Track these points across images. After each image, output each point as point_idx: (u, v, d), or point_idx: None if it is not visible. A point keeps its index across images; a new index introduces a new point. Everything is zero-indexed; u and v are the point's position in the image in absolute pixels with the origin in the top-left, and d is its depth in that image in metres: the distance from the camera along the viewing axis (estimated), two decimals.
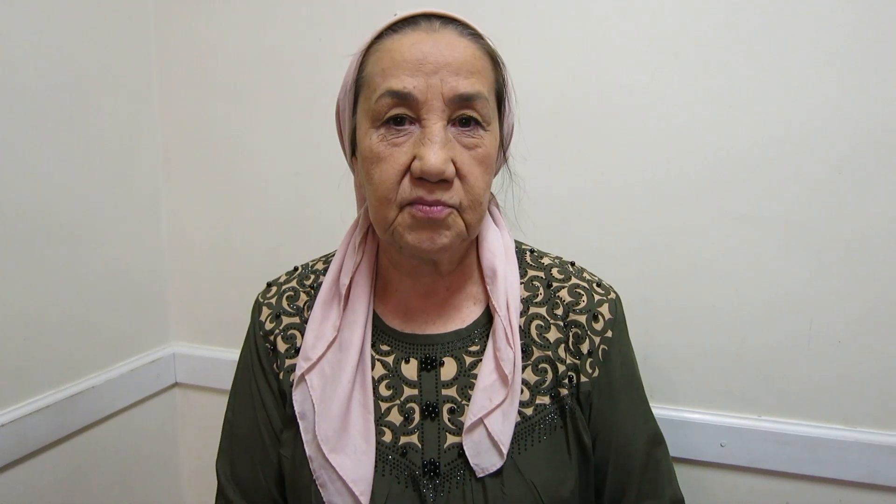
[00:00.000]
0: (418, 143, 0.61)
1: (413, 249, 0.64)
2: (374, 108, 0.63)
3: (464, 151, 0.63)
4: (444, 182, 0.62)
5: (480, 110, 0.63)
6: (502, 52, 0.71)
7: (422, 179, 0.61)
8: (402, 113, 0.62)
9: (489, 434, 0.66)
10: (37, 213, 1.03)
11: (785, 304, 0.95)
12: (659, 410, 0.79)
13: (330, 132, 0.76)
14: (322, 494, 0.67)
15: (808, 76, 0.89)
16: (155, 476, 1.32)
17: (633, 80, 0.97)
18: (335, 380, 0.69)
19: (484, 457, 0.66)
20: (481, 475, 0.66)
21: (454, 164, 0.62)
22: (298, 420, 0.71)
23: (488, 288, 0.72)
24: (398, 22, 0.65)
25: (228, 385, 0.82)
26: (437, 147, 0.60)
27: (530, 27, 1.01)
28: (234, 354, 1.27)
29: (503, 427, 0.66)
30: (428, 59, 0.61)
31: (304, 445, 0.70)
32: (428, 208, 0.62)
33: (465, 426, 0.67)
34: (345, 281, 0.73)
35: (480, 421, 0.66)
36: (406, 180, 0.62)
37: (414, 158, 0.61)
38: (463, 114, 0.62)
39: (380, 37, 0.66)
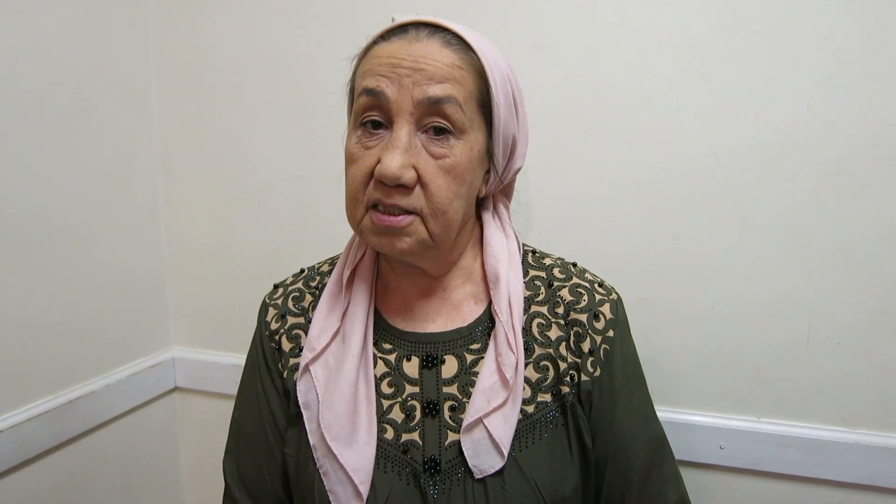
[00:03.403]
0: (384, 148, 0.63)
1: (379, 250, 0.69)
2: (355, 110, 0.66)
3: (430, 160, 0.64)
4: (402, 187, 0.63)
5: (451, 116, 0.63)
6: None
7: (382, 182, 0.63)
8: (377, 117, 0.64)
9: (490, 435, 0.66)
10: (35, 216, 1.03)
11: (783, 305, 0.95)
12: (658, 413, 0.78)
13: (330, 134, 0.77)
14: (324, 483, 0.68)
15: (805, 79, 0.90)
16: (155, 481, 1.31)
17: (632, 84, 0.98)
18: (339, 370, 0.70)
19: (483, 458, 0.66)
20: (479, 476, 0.66)
21: (417, 170, 0.63)
22: (302, 410, 0.72)
23: (491, 293, 0.72)
24: (389, 31, 0.67)
25: (228, 389, 0.82)
26: (397, 152, 0.62)
27: (528, 31, 1.01)
28: (233, 358, 1.28)
29: (504, 429, 0.66)
30: (403, 63, 0.63)
31: (308, 435, 0.71)
32: (386, 217, 0.64)
33: (463, 426, 0.67)
34: (346, 273, 0.75)
35: (479, 421, 0.67)
36: (371, 182, 0.64)
37: (378, 161, 0.63)
38: (434, 120, 0.63)
39: (372, 45, 0.68)
